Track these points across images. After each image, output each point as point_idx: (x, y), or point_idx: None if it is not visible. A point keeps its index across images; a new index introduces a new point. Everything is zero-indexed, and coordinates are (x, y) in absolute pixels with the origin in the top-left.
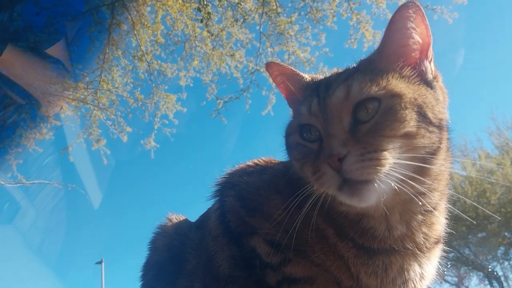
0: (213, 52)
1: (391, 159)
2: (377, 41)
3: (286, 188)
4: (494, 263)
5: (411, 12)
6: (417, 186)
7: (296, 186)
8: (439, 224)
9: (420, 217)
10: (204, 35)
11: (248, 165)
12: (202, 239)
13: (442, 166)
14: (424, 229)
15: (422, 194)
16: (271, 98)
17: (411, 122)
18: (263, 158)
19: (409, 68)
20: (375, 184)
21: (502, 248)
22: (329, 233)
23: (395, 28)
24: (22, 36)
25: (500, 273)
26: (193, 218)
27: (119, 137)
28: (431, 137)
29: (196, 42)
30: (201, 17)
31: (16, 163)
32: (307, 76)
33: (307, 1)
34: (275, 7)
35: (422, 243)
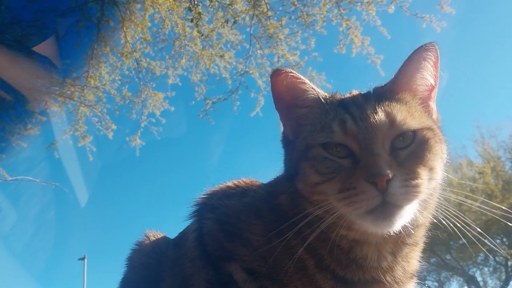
0: (203, 52)
1: (426, 189)
2: (366, 47)
3: (268, 214)
4: (474, 269)
5: (430, 54)
6: (420, 217)
7: (280, 213)
8: (416, 259)
9: (405, 250)
10: (194, 35)
11: (229, 187)
12: (178, 258)
13: (435, 202)
14: (404, 263)
15: (418, 226)
16: (259, 100)
17: (437, 156)
18: (244, 180)
19: (424, 105)
20: (407, 211)
21: (482, 254)
22: (309, 263)
23: (415, 66)
24: (8, 29)
25: (480, 279)
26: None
27: (107, 136)
28: (440, 174)
29: (185, 41)
30: (192, 17)
31: None
32: (321, 91)
33: (297, 5)
34: (265, 10)
35: (399, 277)
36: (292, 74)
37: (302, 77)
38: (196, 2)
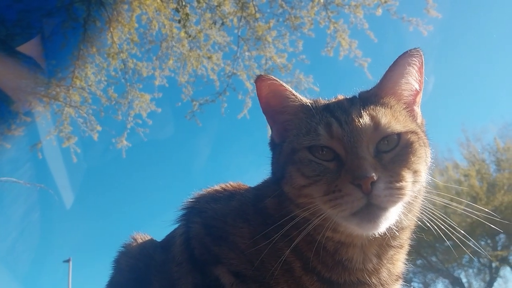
0: (190, 53)
1: (411, 191)
2: (353, 50)
3: (255, 217)
4: (459, 271)
5: (415, 59)
6: (404, 220)
7: (266, 216)
8: (401, 261)
9: (390, 252)
10: (181, 36)
11: (216, 190)
12: (165, 261)
13: (419, 205)
14: (389, 265)
15: (403, 228)
16: (247, 102)
17: (421, 159)
18: (231, 183)
19: (409, 109)
20: (392, 213)
21: (466, 256)
22: (295, 266)
23: (400, 72)
24: None
25: (464, 280)
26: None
27: (92, 137)
28: (424, 177)
29: (173, 42)
30: (179, 18)
31: None
32: (304, 98)
33: (285, 7)
34: (253, 12)
35: (385, 279)
36: (274, 81)
37: (283, 83)
38: (183, 3)
